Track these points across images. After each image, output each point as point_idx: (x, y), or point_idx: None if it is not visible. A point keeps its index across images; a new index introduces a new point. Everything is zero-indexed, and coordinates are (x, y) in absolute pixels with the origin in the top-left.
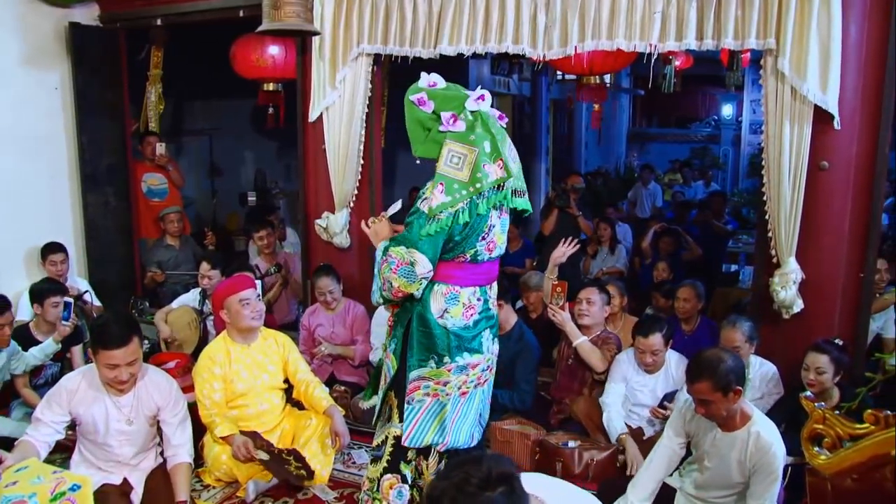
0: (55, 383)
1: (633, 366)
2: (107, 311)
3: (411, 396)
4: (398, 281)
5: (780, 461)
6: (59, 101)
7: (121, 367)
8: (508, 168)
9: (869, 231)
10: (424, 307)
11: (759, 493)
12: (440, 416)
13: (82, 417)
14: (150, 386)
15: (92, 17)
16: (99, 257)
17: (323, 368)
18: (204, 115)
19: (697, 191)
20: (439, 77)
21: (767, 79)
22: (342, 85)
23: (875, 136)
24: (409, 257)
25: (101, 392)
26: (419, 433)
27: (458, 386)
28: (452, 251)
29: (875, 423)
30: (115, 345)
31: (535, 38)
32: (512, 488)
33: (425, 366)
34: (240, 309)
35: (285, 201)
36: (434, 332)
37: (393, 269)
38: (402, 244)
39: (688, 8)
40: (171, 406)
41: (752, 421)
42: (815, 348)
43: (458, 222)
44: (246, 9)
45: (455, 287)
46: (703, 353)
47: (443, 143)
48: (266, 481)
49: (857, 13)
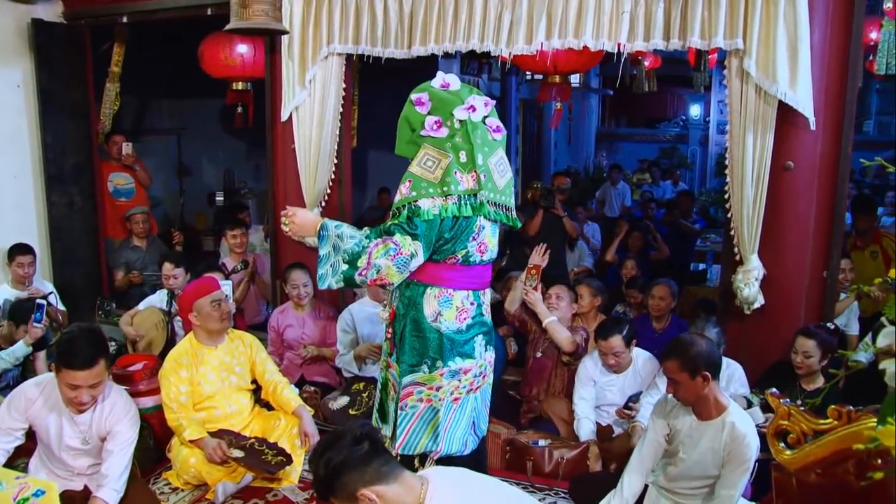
0: (15, 386)
1: (598, 367)
2: (75, 322)
3: (404, 402)
4: (390, 270)
5: (753, 452)
6: (22, 99)
7: (83, 389)
8: (481, 181)
9: (833, 229)
10: (418, 311)
11: (729, 481)
12: (433, 422)
13: (37, 427)
14: (109, 408)
15: (56, 14)
16: (64, 258)
17: (293, 369)
18: (171, 114)
19: (666, 190)
20: (454, 77)
21: (732, 80)
22: (312, 84)
23: (838, 136)
24: (412, 249)
25: (58, 407)
26: (412, 440)
27: (450, 391)
28: (443, 251)
29: (838, 418)
30: (80, 366)
31: (499, 36)
32: (375, 445)
33: (417, 371)
34: (210, 311)
35: (254, 201)
36: (427, 336)
37: (391, 257)
38: (408, 234)
39: (655, 8)
40: (120, 433)
41: (727, 412)
42: (804, 332)
43: (448, 215)
44: (214, 7)
45: (448, 290)
46: (682, 335)
47: (420, 146)
48: (235, 483)
49: (820, 14)
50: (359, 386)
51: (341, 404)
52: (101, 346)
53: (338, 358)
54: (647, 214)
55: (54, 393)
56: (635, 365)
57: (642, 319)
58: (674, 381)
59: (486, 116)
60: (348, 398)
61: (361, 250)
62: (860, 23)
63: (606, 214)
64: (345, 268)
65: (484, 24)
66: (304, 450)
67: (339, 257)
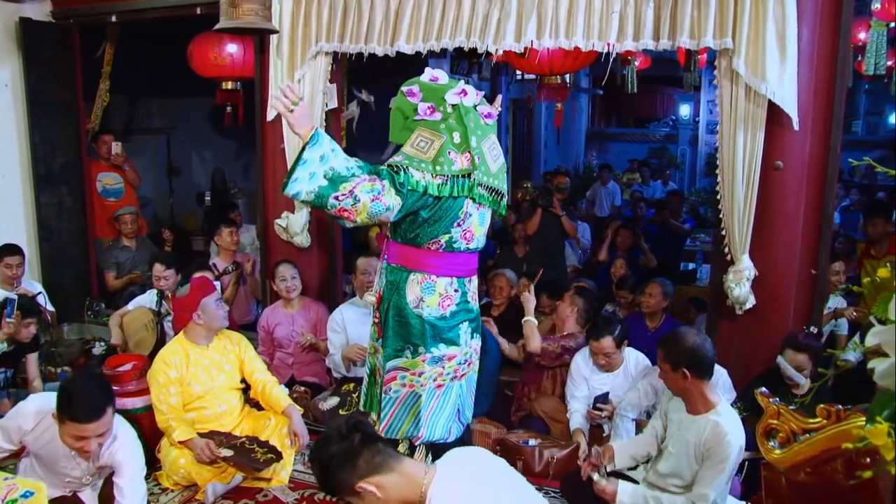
0: (6, 388)
1: (589, 366)
2: (77, 373)
3: (388, 387)
4: (364, 208)
5: (733, 452)
6: (10, 98)
7: (90, 439)
8: (475, 162)
9: (821, 229)
10: (400, 296)
11: (705, 479)
12: (415, 407)
13: (36, 453)
14: (116, 450)
15: (44, 13)
16: (53, 259)
17: (283, 369)
18: (161, 114)
19: (656, 190)
20: (442, 72)
21: (722, 80)
22: (301, 84)
23: (827, 136)
24: (391, 202)
25: (55, 442)
26: (395, 424)
27: (433, 377)
28: (426, 234)
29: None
30: (88, 419)
31: (486, 32)
32: (366, 436)
33: (401, 356)
34: (216, 309)
35: (244, 201)
36: (410, 322)
37: (371, 198)
38: (394, 187)
39: (644, 8)
40: (126, 465)
41: (715, 410)
42: (793, 346)
43: (432, 193)
44: (203, 6)
45: (431, 276)
46: (680, 328)
47: (414, 130)
48: (225, 483)
49: (809, 14)
50: (349, 387)
51: (331, 405)
52: (108, 394)
53: (328, 358)
54: (637, 214)
55: (51, 430)
56: (627, 365)
57: (636, 318)
58: (661, 370)
59: (476, 105)
60: (338, 399)
61: (350, 175)
62: (849, 23)
63: (596, 214)
64: (324, 183)
65: (472, 21)
66: (294, 449)
67: (322, 168)
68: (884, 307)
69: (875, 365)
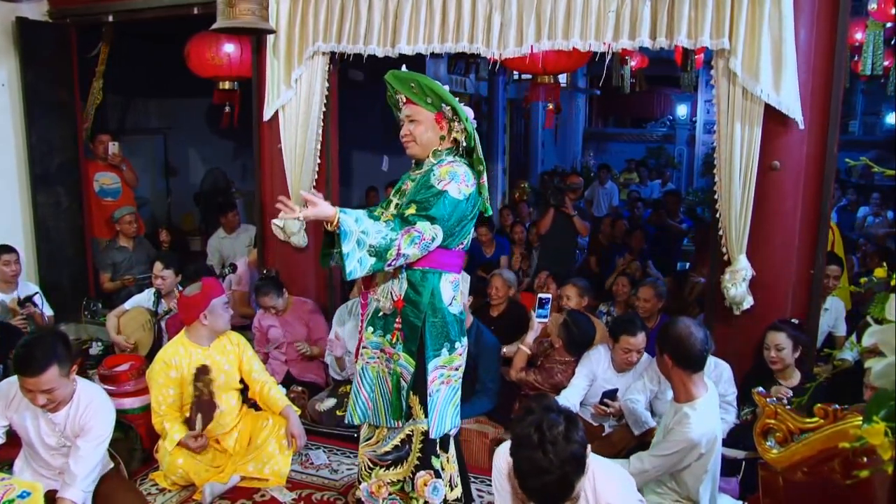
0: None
1: (606, 363)
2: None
3: (432, 388)
4: (416, 254)
5: (687, 446)
6: (7, 98)
7: (35, 393)
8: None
9: (818, 229)
10: (436, 297)
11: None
12: (454, 401)
13: (17, 426)
14: (84, 406)
15: (41, 13)
16: (50, 259)
17: (280, 368)
18: (158, 114)
19: (653, 190)
20: None
21: (719, 80)
22: (298, 84)
23: (824, 136)
24: (433, 233)
25: (31, 407)
26: (442, 421)
27: (461, 369)
28: (459, 236)
29: (824, 417)
30: (30, 373)
31: (489, 38)
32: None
33: (440, 354)
34: (223, 311)
35: (241, 201)
36: (447, 320)
37: (417, 244)
38: (427, 220)
39: (641, 7)
40: (92, 429)
41: (692, 403)
42: (772, 327)
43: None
44: (200, 6)
45: (455, 276)
46: (683, 318)
47: None
48: (223, 483)
49: (806, 14)
50: (346, 388)
51: (328, 406)
52: (54, 353)
53: (327, 355)
54: (634, 214)
55: (22, 396)
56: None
57: None
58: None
59: None
60: (335, 400)
61: (390, 244)
62: (845, 23)
63: (594, 214)
64: (373, 261)
65: (473, 26)
66: (291, 450)
67: (364, 251)
68: (881, 307)
69: (872, 364)
